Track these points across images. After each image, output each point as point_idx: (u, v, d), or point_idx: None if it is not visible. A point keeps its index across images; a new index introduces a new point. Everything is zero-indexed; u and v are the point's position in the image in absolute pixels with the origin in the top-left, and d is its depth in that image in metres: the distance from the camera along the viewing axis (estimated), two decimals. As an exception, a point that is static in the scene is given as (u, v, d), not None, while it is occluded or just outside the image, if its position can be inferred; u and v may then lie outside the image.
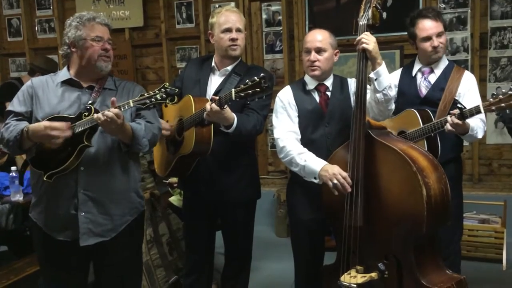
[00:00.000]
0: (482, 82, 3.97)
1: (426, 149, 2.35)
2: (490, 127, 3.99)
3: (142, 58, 4.97)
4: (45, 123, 1.90)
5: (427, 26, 2.43)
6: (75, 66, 2.08)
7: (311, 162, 2.14)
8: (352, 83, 2.31)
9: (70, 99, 2.04)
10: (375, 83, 2.07)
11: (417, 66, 2.58)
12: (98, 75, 2.08)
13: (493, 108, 2.02)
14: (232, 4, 4.56)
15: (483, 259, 3.49)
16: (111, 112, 1.84)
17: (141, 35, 4.93)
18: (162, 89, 1.88)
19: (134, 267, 2.23)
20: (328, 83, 2.32)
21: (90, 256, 2.12)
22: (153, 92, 1.89)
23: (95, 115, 1.87)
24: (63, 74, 2.10)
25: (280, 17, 4.47)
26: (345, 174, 2.03)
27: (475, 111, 2.10)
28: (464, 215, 3.61)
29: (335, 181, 2.01)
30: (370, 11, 2.06)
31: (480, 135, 2.35)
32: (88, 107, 1.94)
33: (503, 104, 1.99)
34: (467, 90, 2.45)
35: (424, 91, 2.53)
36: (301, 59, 2.60)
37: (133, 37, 4.92)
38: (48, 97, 2.04)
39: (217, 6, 4.54)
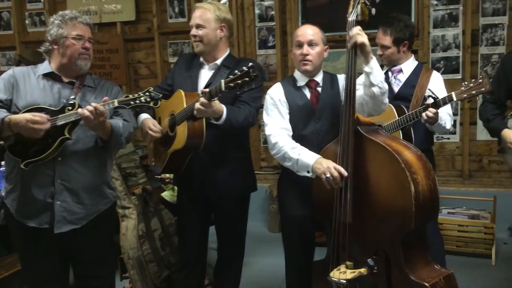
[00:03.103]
0: (473, 79, 3.99)
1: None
2: (481, 124, 4.01)
3: (134, 52, 4.95)
4: (27, 116, 1.96)
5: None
6: (56, 62, 2.16)
7: (305, 156, 2.15)
8: (342, 79, 2.31)
9: (51, 92, 2.13)
10: (371, 77, 2.07)
11: (385, 67, 2.80)
12: (77, 72, 2.17)
13: (465, 95, 2.19)
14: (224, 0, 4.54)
15: (472, 255, 3.53)
16: (99, 107, 1.94)
17: (133, 29, 4.90)
18: (146, 93, 2.01)
19: (106, 254, 2.31)
20: (318, 79, 2.33)
21: (63, 243, 2.18)
22: (138, 95, 2.02)
23: (79, 110, 1.97)
24: (45, 67, 2.18)
25: (273, 13, 4.46)
26: (339, 167, 2.02)
27: (448, 99, 2.31)
28: (454, 210, 3.69)
29: (328, 175, 2.01)
30: (359, 7, 2.06)
31: (448, 126, 2.56)
32: (71, 102, 2.03)
33: (473, 92, 2.16)
34: (437, 86, 2.63)
35: (395, 88, 2.72)
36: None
37: (125, 31, 4.90)
38: (29, 88, 2.12)
39: (209, 0, 4.51)
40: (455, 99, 2.27)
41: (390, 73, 2.76)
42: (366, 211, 2.00)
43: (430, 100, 2.34)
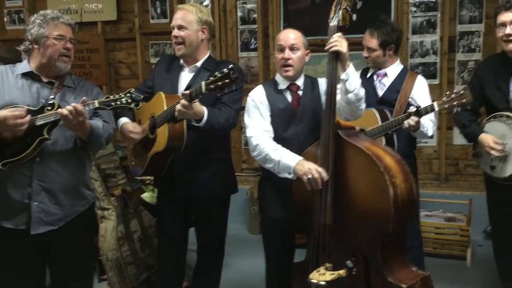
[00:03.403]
0: (450, 85, 4.09)
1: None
2: (458, 129, 4.11)
3: (115, 52, 4.90)
4: (6, 113, 1.93)
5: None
6: (36, 62, 2.14)
7: (286, 158, 2.17)
8: (322, 83, 2.34)
9: (30, 91, 2.10)
10: (346, 84, 2.11)
11: (371, 69, 2.80)
12: (57, 73, 2.15)
13: (446, 106, 2.24)
14: (207, 1, 4.55)
15: (448, 256, 3.59)
16: (78, 107, 1.92)
17: (114, 29, 4.86)
18: (127, 94, 2.00)
19: (84, 256, 2.28)
20: (299, 83, 2.35)
21: (40, 245, 2.15)
22: (118, 96, 2.00)
23: (59, 110, 1.95)
24: (24, 66, 2.15)
25: (255, 15, 4.48)
26: (320, 169, 2.04)
27: (430, 109, 2.33)
28: (431, 213, 3.75)
29: (310, 176, 2.03)
30: (340, 12, 2.09)
31: (430, 132, 2.58)
32: (51, 102, 2.01)
33: (455, 103, 2.21)
34: (420, 92, 2.66)
35: (379, 92, 2.73)
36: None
37: (106, 30, 4.85)
38: (7, 87, 2.09)
39: (191, 1, 4.52)
40: (436, 109, 2.30)
41: (375, 77, 2.76)
42: (346, 213, 2.03)
43: (413, 109, 2.36)
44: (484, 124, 2.50)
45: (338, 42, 2.06)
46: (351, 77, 2.11)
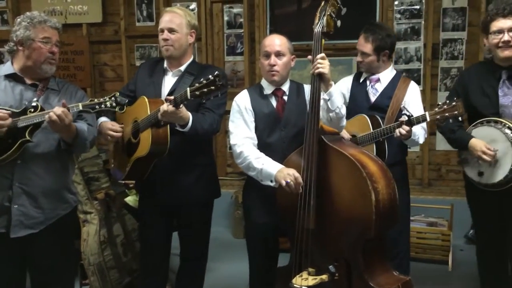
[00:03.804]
0: (433, 91, 4.15)
1: (375, 152, 2.53)
2: (440, 134, 4.16)
3: (100, 54, 4.87)
4: None
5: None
6: (20, 63, 2.12)
7: (268, 166, 2.18)
8: (308, 89, 2.35)
9: (13, 93, 2.09)
10: (328, 103, 2.14)
11: (364, 74, 2.77)
12: (41, 76, 2.14)
13: (438, 117, 2.23)
14: (194, 4, 4.55)
15: (430, 261, 3.63)
16: (60, 110, 1.92)
17: (100, 31, 4.83)
18: (112, 98, 2.00)
19: (65, 260, 2.26)
20: (285, 88, 2.36)
21: (20, 248, 2.13)
22: (103, 99, 2.00)
23: (47, 115, 1.92)
24: (7, 68, 2.14)
25: (241, 20, 4.49)
26: (297, 174, 2.08)
27: (422, 119, 2.31)
28: (413, 218, 3.78)
29: (288, 180, 2.06)
30: (324, 19, 2.11)
31: (421, 140, 2.56)
32: (34, 104, 2.00)
33: (447, 114, 2.20)
34: (412, 99, 2.64)
35: (372, 98, 2.70)
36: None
37: (91, 32, 4.81)
38: None
39: (178, 5, 4.51)
40: (428, 119, 2.29)
41: (368, 82, 2.73)
42: (328, 218, 2.04)
43: (404, 118, 2.34)
44: (470, 130, 2.47)
45: (321, 64, 2.08)
46: (333, 97, 2.14)
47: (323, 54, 2.10)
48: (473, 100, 2.48)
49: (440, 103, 2.27)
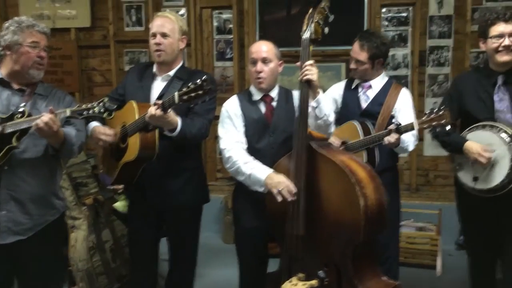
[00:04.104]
0: (420, 97, 4.20)
1: (365, 158, 2.53)
2: (428, 140, 4.21)
3: (89, 59, 4.84)
4: None
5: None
6: (7, 68, 2.11)
7: (257, 171, 2.18)
8: (297, 95, 2.36)
9: (0, 98, 2.07)
10: (316, 110, 2.16)
11: (356, 81, 2.77)
12: (29, 81, 2.12)
13: (426, 125, 2.23)
14: (183, 10, 4.55)
15: (419, 265, 3.66)
16: (48, 117, 1.90)
17: (88, 35, 4.80)
18: (100, 103, 1.96)
19: (53, 266, 2.24)
20: (273, 94, 2.37)
21: (8, 255, 2.11)
22: (91, 105, 1.96)
23: (35, 122, 1.91)
24: None
25: (231, 25, 4.51)
26: (289, 182, 2.08)
27: (410, 127, 2.30)
28: (402, 223, 3.79)
29: (280, 188, 2.06)
30: (312, 26, 2.13)
31: (410, 148, 2.54)
32: (21, 110, 1.98)
33: (434, 123, 2.20)
34: (403, 106, 2.63)
35: (363, 104, 2.70)
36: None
37: (79, 37, 4.79)
38: None
39: (167, 10, 4.51)
40: (416, 128, 2.28)
41: (359, 88, 2.72)
42: (318, 223, 2.05)
43: (393, 126, 2.33)
44: (465, 134, 2.44)
45: (309, 71, 2.09)
46: (321, 104, 2.16)
47: (311, 61, 2.12)
48: (468, 105, 2.47)
49: (427, 112, 2.26)
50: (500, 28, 2.34)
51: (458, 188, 2.57)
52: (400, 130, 2.31)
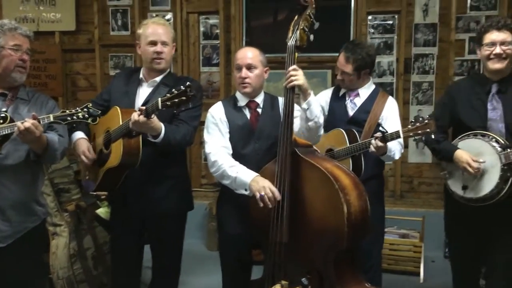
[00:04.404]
0: (405, 105, 4.24)
1: (351, 166, 2.52)
2: (412, 147, 4.25)
3: (73, 63, 4.79)
4: None
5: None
6: None
7: (242, 174, 2.17)
8: (282, 102, 2.36)
9: None
10: (307, 112, 2.16)
11: (343, 89, 2.77)
12: (11, 84, 2.10)
13: (411, 134, 2.23)
14: (169, 15, 4.54)
15: (402, 272, 3.67)
16: (30, 122, 1.87)
17: (73, 39, 4.76)
18: (85, 109, 1.96)
19: (33, 274, 2.20)
20: (259, 100, 2.37)
21: None
22: (75, 110, 1.96)
23: (17, 125, 1.88)
24: None
25: (217, 31, 4.50)
26: (274, 188, 2.07)
27: (395, 135, 2.30)
28: (386, 229, 3.80)
29: (263, 193, 2.05)
30: (298, 33, 2.13)
31: (397, 156, 2.54)
32: (3, 115, 1.96)
33: (419, 131, 2.21)
34: (390, 114, 2.64)
35: (350, 112, 2.70)
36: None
37: (63, 41, 4.74)
38: None
39: (154, 15, 4.49)
40: (401, 136, 2.28)
41: (347, 96, 2.73)
42: (301, 230, 2.05)
43: (379, 134, 2.33)
44: (457, 142, 2.44)
45: (294, 76, 2.09)
46: (312, 105, 2.16)
47: (294, 66, 2.12)
48: (460, 113, 2.46)
49: (412, 120, 2.27)
50: (492, 36, 2.35)
51: (447, 196, 2.56)
52: (386, 138, 2.31)
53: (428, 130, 2.20)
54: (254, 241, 2.32)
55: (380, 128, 2.36)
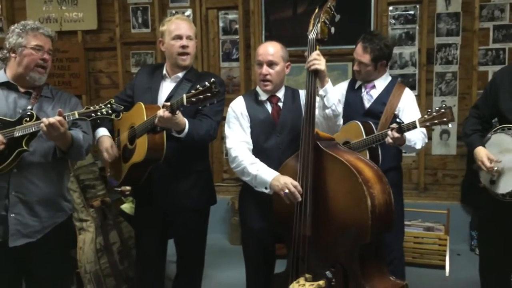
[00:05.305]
0: (428, 96, 4.17)
1: (368, 158, 2.49)
2: (436, 138, 4.18)
3: (95, 61, 4.86)
4: None
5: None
6: (12, 71, 2.12)
7: (263, 172, 2.18)
8: (303, 95, 2.35)
9: (6, 102, 2.09)
10: (324, 99, 2.15)
11: (359, 81, 2.75)
12: (31, 84, 2.13)
13: (428, 124, 2.19)
14: (189, 11, 4.56)
15: (427, 266, 3.63)
16: (55, 119, 1.91)
17: (95, 38, 4.82)
18: (108, 105, 2.00)
19: (62, 268, 2.25)
20: (280, 95, 2.37)
21: (16, 257, 2.12)
22: (99, 107, 2.00)
23: (43, 122, 1.92)
24: (0, 76, 2.13)
25: (237, 26, 4.50)
26: (296, 183, 2.07)
27: (412, 126, 2.27)
28: (410, 222, 3.78)
29: (286, 191, 2.06)
30: (319, 25, 2.12)
31: (418, 146, 2.50)
32: (29, 113, 2.00)
33: (436, 121, 2.17)
34: (406, 106, 2.62)
35: (366, 104, 2.69)
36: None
37: (86, 40, 4.81)
38: None
39: (173, 12, 4.52)
40: (418, 126, 2.26)
41: (363, 88, 2.72)
42: (325, 224, 2.04)
43: (395, 125, 2.31)
44: (490, 135, 2.35)
45: (317, 60, 2.08)
46: (329, 93, 2.14)
47: (318, 51, 2.10)
48: (501, 104, 2.33)
49: (429, 110, 2.23)
50: None
51: (483, 188, 2.45)
52: (403, 128, 2.29)
53: (445, 119, 2.16)
54: (277, 235, 2.33)
55: (397, 119, 2.34)
